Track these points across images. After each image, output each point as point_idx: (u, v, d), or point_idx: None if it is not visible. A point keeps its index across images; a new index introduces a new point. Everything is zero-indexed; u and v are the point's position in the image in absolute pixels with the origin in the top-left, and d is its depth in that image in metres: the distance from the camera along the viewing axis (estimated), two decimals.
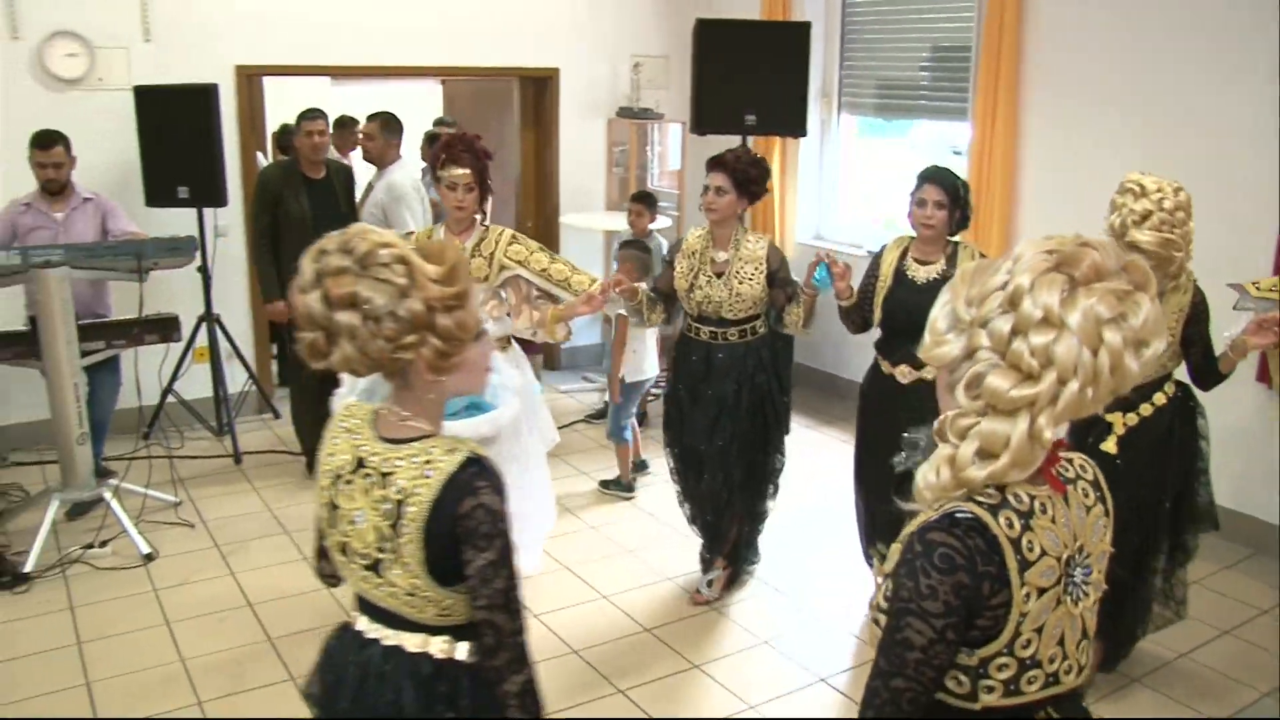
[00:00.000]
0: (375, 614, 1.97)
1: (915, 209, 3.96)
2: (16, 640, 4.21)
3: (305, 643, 4.18)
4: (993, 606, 1.55)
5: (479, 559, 1.83)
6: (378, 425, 1.96)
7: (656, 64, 7.64)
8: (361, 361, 1.83)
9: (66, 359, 4.79)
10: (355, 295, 1.78)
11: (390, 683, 1.92)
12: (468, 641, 1.92)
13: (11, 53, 5.91)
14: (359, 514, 1.91)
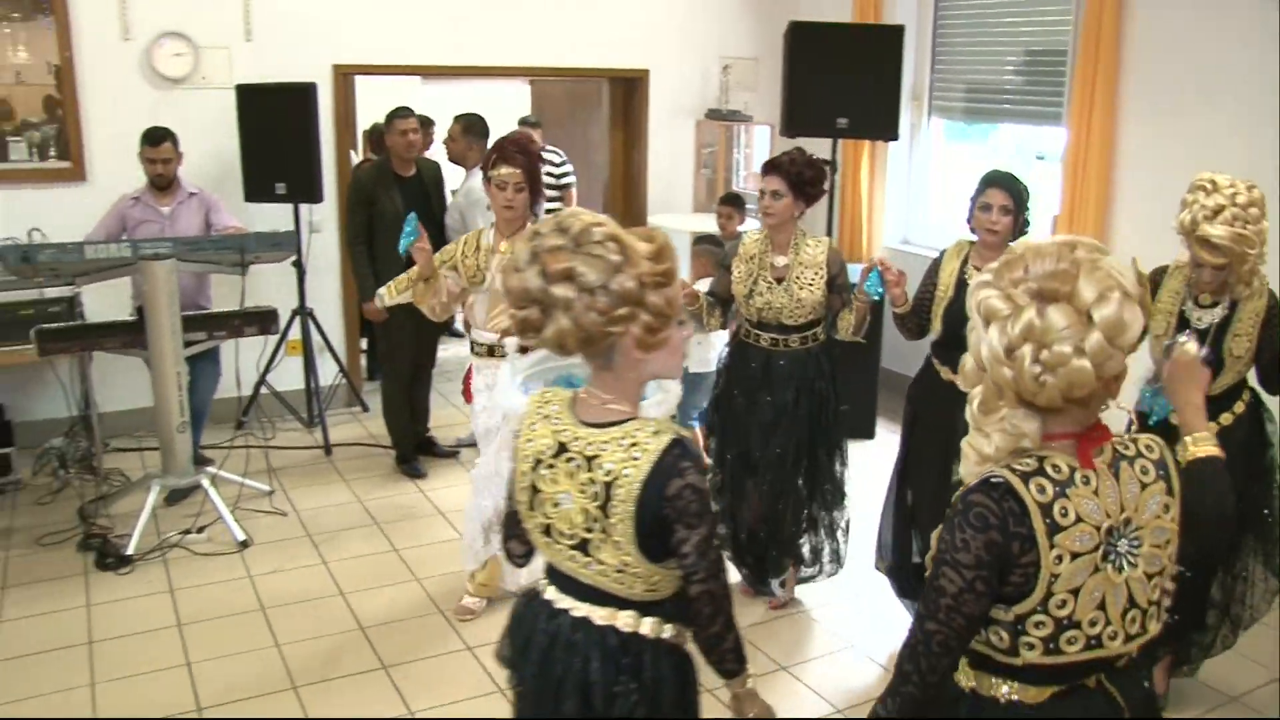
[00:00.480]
0: (570, 588, 2.08)
1: (979, 213, 3.84)
2: (121, 619, 4.35)
3: (396, 632, 4.28)
4: (1023, 565, 1.70)
5: (693, 536, 1.94)
6: (577, 410, 2.05)
7: (746, 66, 7.64)
8: (575, 335, 1.90)
9: (171, 349, 4.93)
10: (571, 270, 1.87)
11: (579, 651, 2.04)
12: (650, 618, 2.05)
13: (122, 53, 6.11)
14: (564, 496, 2.01)
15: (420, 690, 3.87)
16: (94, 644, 4.16)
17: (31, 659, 4.05)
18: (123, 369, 5.98)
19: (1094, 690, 1.82)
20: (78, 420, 5.88)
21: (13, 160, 6.04)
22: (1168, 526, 1.79)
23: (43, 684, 3.88)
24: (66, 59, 6.00)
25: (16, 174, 6.02)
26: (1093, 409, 1.77)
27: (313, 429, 6.56)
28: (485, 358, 4.27)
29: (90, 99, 6.09)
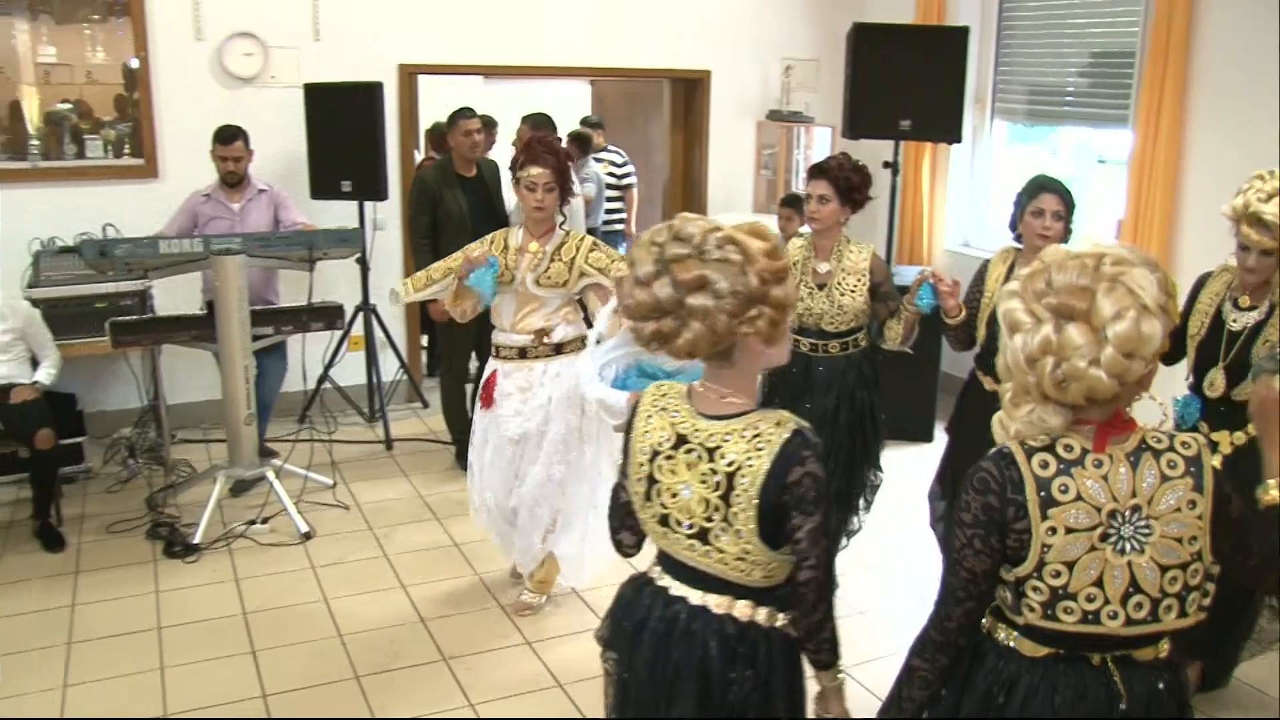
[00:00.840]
0: (686, 577, 2.13)
1: (1031, 219, 3.78)
2: (188, 607, 4.45)
3: (456, 625, 4.33)
4: (1016, 530, 1.85)
5: (808, 523, 2.00)
6: (694, 402, 2.11)
7: (807, 67, 7.64)
8: (709, 340, 1.96)
9: (239, 342, 5.02)
10: (704, 278, 1.92)
11: (696, 638, 2.09)
12: (765, 607, 2.11)
13: (195, 53, 6.25)
14: (684, 487, 2.07)
15: (480, 683, 3.91)
16: (163, 629, 4.26)
17: (105, 642, 4.16)
18: (190, 362, 6.11)
19: (1094, 667, 1.91)
20: (147, 411, 6.03)
21: (89, 158, 6.20)
22: (1189, 522, 1.84)
23: (117, 666, 3.98)
24: (142, 59, 6.15)
25: (92, 171, 6.18)
26: (1120, 404, 1.86)
27: (374, 424, 6.65)
28: (515, 360, 4.20)
29: (163, 98, 6.23)
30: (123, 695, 3.80)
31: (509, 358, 4.20)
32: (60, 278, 5.66)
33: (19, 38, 6.04)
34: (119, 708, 3.70)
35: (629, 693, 2.22)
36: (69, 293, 5.59)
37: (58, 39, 6.10)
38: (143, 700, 3.76)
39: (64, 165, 6.14)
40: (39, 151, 6.10)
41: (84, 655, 4.07)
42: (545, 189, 4.04)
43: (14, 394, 5.01)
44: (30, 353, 5.24)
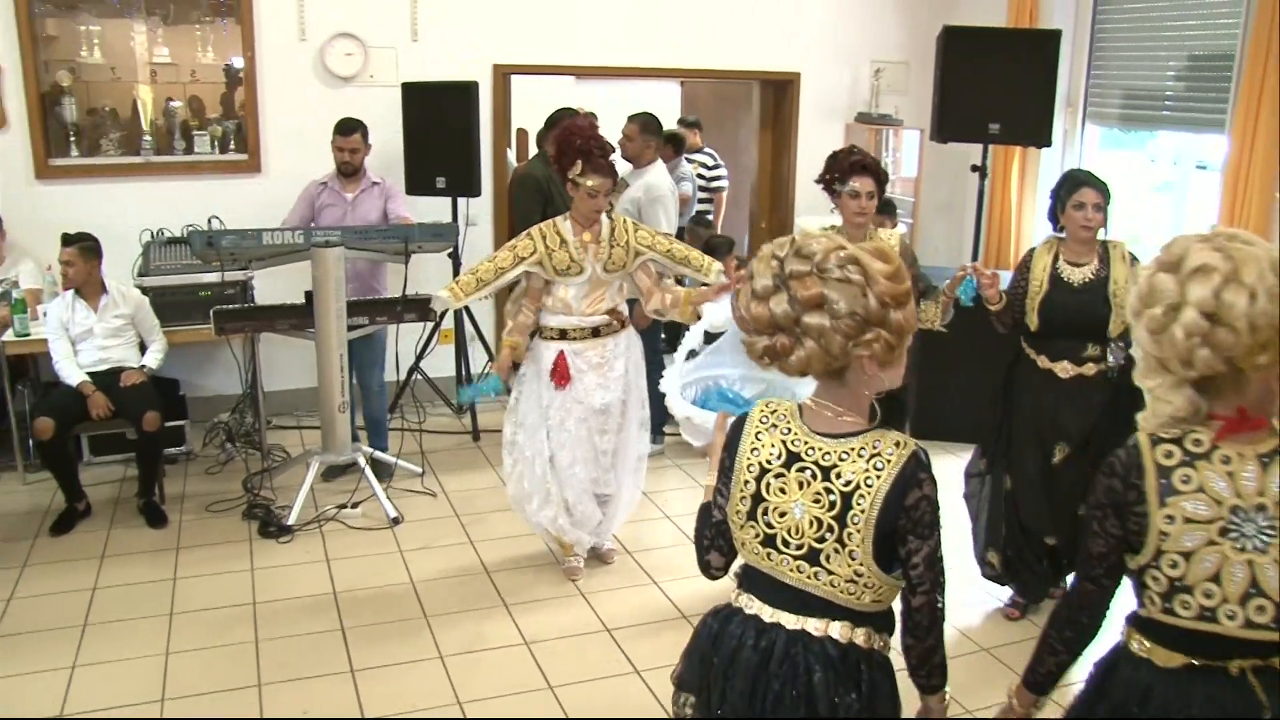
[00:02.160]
0: (784, 601, 2.06)
1: (1073, 211, 4.03)
2: (281, 584, 4.63)
3: (538, 609, 4.44)
4: (1136, 514, 1.89)
5: (924, 547, 1.97)
6: (808, 420, 2.04)
7: (897, 69, 7.62)
8: (822, 359, 1.92)
9: (335, 331, 5.19)
10: (823, 296, 1.88)
11: (799, 665, 2.02)
12: (864, 628, 2.05)
13: (299, 52, 6.48)
14: (797, 505, 2.01)
15: (560, 665, 4.01)
16: (257, 605, 4.44)
17: (203, 614, 4.35)
18: (287, 351, 6.31)
19: (1234, 677, 1.88)
20: (245, 397, 6.24)
21: (197, 153, 6.45)
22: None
23: (215, 637, 4.17)
24: (248, 58, 6.38)
25: (200, 166, 6.43)
26: (1245, 397, 1.86)
27: (461, 415, 6.80)
28: (587, 339, 4.43)
29: (267, 96, 6.46)
30: (219, 664, 3.98)
31: (580, 338, 4.44)
32: (168, 267, 5.91)
33: (136, 39, 6.32)
34: (216, 676, 3.88)
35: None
36: (176, 281, 5.83)
37: (170, 40, 6.37)
38: (237, 669, 3.93)
39: (174, 160, 6.41)
40: (151, 147, 6.37)
41: (184, 625, 4.26)
42: (605, 195, 4.33)
43: (124, 377, 5.26)
44: (139, 338, 5.49)
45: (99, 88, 6.32)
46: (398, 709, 3.71)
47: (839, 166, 4.34)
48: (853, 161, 4.32)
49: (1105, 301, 4.04)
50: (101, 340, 5.33)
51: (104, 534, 5.09)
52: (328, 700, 3.75)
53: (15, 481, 5.68)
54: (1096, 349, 4.06)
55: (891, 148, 7.89)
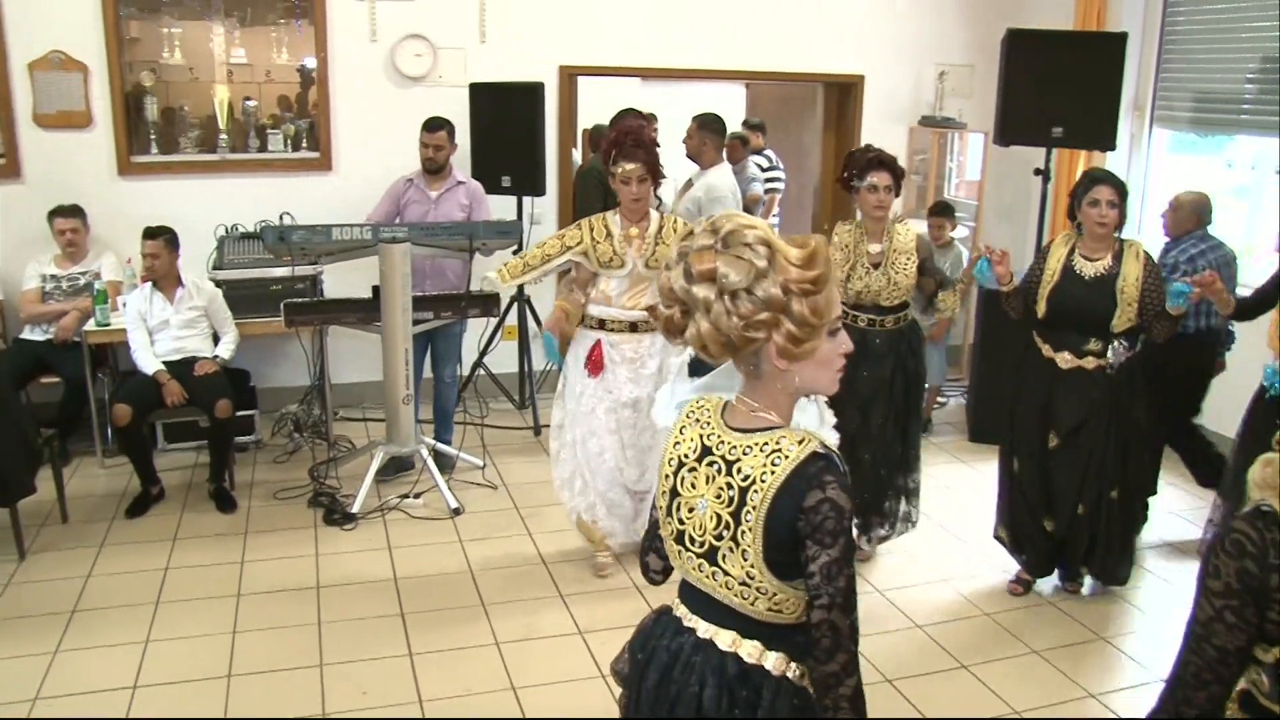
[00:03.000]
0: (698, 605, 1.98)
1: (1089, 208, 4.17)
2: (344, 569, 4.77)
3: (592, 600, 4.52)
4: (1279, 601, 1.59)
5: (823, 555, 1.79)
6: (726, 416, 1.95)
7: (961, 73, 7.61)
8: (714, 339, 1.81)
9: (401, 326, 5.32)
10: (714, 270, 1.78)
11: (696, 673, 1.93)
12: (776, 652, 1.91)
13: (370, 53, 6.63)
14: (701, 501, 1.91)
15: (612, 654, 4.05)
16: (321, 588, 4.57)
17: (268, 596, 4.50)
18: (354, 344, 6.48)
19: None
20: (312, 389, 6.41)
21: (270, 151, 6.64)
22: None
23: (279, 618, 4.31)
24: (321, 59, 6.55)
25: (273, 163, 6.62)
26: None
27: (523, 410, 6.91)
28: (624, 333, 4.52)
29: (338, 96, 6.63)
30: (283, 644, 4.11)
31: (617, 330, 4.53)
32: (241, 261, 6.09)
33: (214, 41, 6.53)
34: (280, 655, 4.02)
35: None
36: (248, 275, 6.01)
37: (246, 41, 6.57)
38: (300, 649, 4.07)
39: (248, 158, 6.60)
40: (226, 145, 6.57)
41: (250, 606, 4.40)
42: (639, 181, 4.36)
43: (197, 367, 5.44)
44: (212, 329, 5.67)
45: (178, 87, 6.54)
46: (453, 691, 3.81)
47: (856, 163, 4.57)
48: (870, 158, 4.53)
49: (1111, 297, 4.17)
50: (177, 331, 5.51)
51: (176, 517, 5.27)
52: (386, 681, 3.87)
53: (94, 466, 5.90)
54: (1099, 344, 4.18)
55: (955, 151, 7.87)
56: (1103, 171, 4.25)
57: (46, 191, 6.11)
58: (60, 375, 5.84)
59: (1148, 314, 4.14)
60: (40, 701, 3.70)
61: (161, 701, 3.72)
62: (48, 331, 5.89)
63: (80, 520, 5.21)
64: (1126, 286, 4.11)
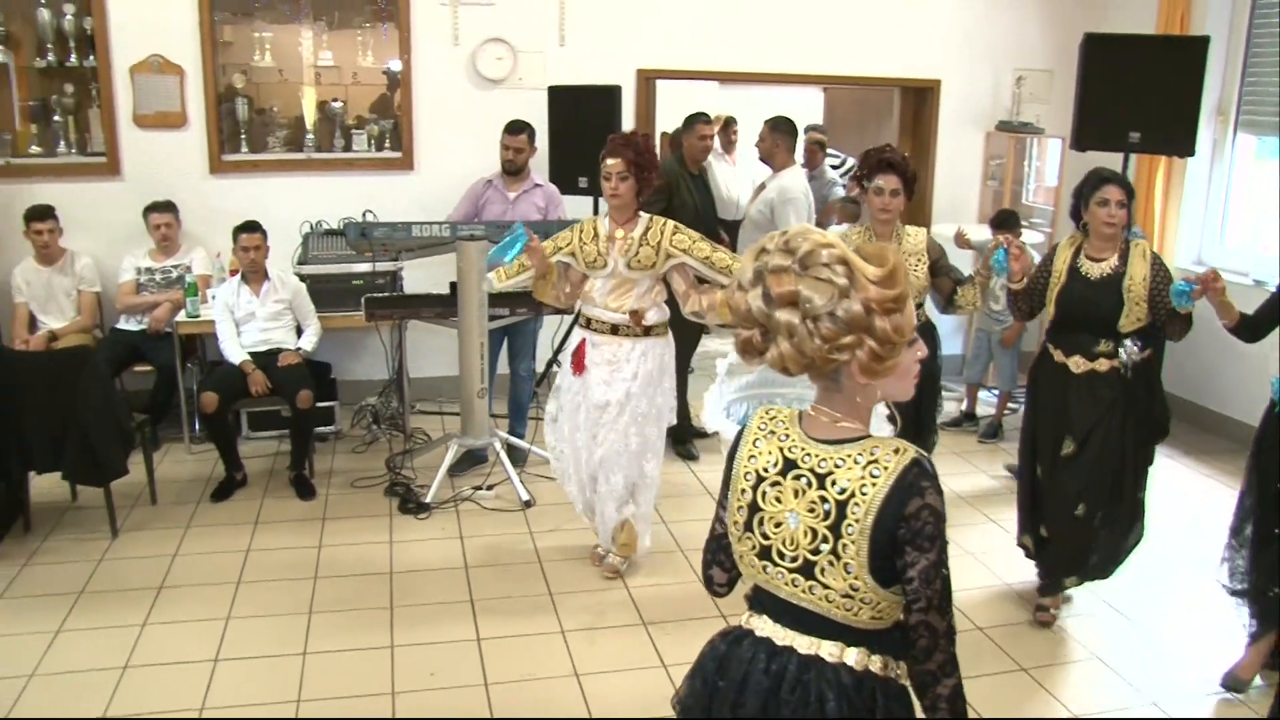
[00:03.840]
0: (790, 620, 1.96)
1: (1097, 208, 4.10)
2: (417, 556, 4.91)
3: (659, 595, 4.60)
4: None
5: (921, 560, 1.82)
6: (806, 426, 1.95)
7: (1040, 77, 7.55)
8: (795, 360, 1.81)
9: (476, 321, 5.45)
10: (796, 294, 1.77)
11: (812, 691, 1.91)
12: (879, 655, 1.93)
13: (452, 56, 6.81)
14: (790, 515, 1.90)
15: (674, 646, 4.15)
16: (394, 574, 4.71)
17: (344, 579, 4.66)
18: (431, 339, 6.64)
19: None
20: (391, 382, 6.58)
21: (354, 150, 6.83)
22: None
23: (354, 601, 4.46)
24: (405, 61, 6.73)
25: (357, 163, 6.81)
26: None
27: None
28: (605, 334, 4.52)
29: (421, 98, 6.80)
30: (356, 625, 4.26)
31: (600, 330, 4.53)
32: (325, 256, 6.29)
33: (303, 44, 6.74)
34: (352, 636, 4.16)
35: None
36: (331, 270, 6.20)
37: (333, 44, 6.77)
38: (372, 631, 4.21)
39: (333, 157, 6.81)
40: (312, 145, 6.78)
41: (326, 588, 4.56)
42: (619, 178, 4.37)
43: (281, 358, 5.63)
44: (296, 322, 5.87)
45: (268, 89, 6.77)
46: (517, 676, 3.91)
47: (868, 163, 4.52)
48: (880, 159, 4.47)
49: (1118, 296, 4.10)
50: (262, 323, 5.72)
51: (258, 502, 5.48)
52: (453, 663, 3.99)
53: (182, 451, 6.14)
54: (1109, 344, 4.12)
55: (1033, 156, 7.81)
56: (1110, 171, 4.23)
57: (142, 188, 6.38)
58: (152, 364, 6.09)
59: (1159, 314, 4.07)
60: (130, 670, 3.89)
61: (240, 674, 3.88)
62: (141, 322, 6.15)
63: (168, 502, 5.45)
64: (1134, 286, 4.05)
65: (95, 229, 6.43)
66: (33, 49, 6.41)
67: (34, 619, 4.24)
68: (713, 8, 7.09)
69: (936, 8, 7.39)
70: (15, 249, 6.24)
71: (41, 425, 4.82)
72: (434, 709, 3.69)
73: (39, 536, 5.03)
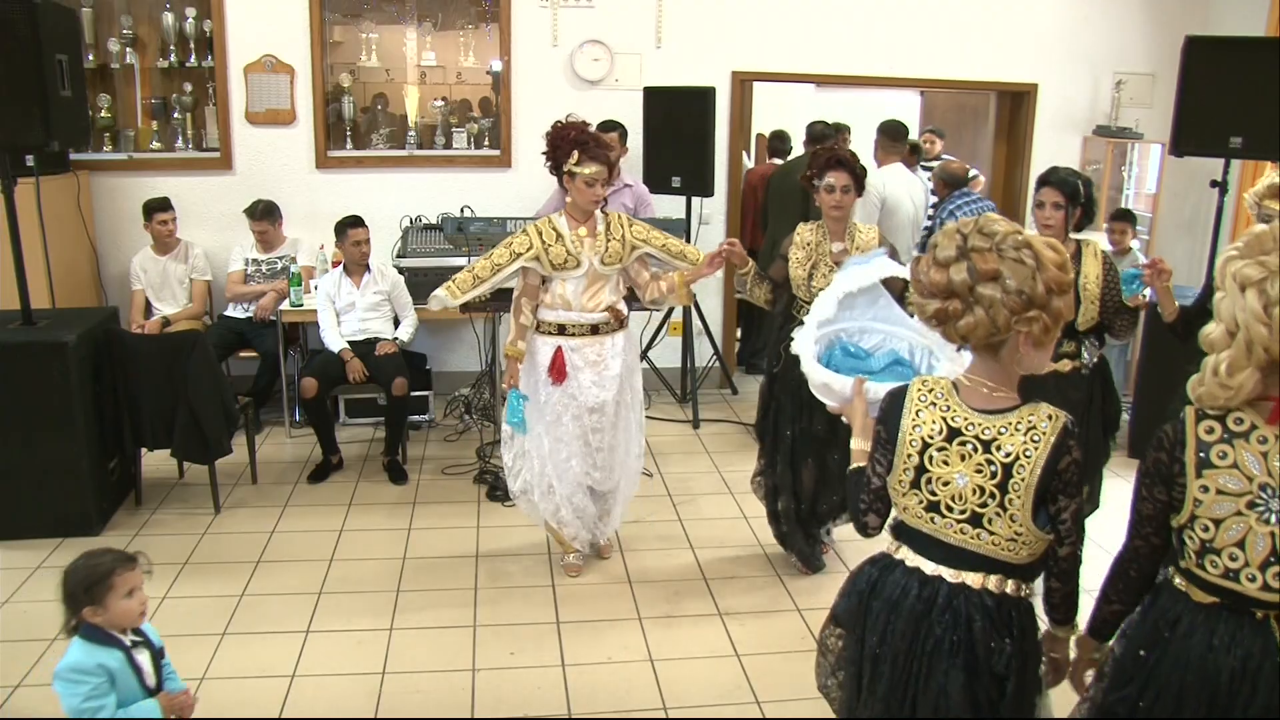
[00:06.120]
0: (942, 555, 2.30)
1: (1036, 210, 4.17)
2: (502, 542, 5.07)
3: (734, 586, 4.67)
4: (1179, 484, 2.10)
5: (1073, 504, 2.23)
6: (964, 396, 2.28)
7: (1141, 81, 7.43)
8: (986, 328, 2.14)
9: None
10: (999, 272, 2.11)
11: (960, 614, 2.26)
12: (1014, 579, 2.28)
13: (551, 57, 6.97)
14: (960, 476, 2.24)
15: (749, 637, 4.23)
16: (480, 558, 4.87)
17: (432, 561, 4.83)
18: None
19: (1257, 620, 2.07)
20: (484, 374, 6.75)
21: (455, 148, 7.03)
22: None
23: (441, 581, 4.62)
24: (505, 62, 6.90)
25: (456, 160, 7.01)
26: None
27: (684, 404, 7.11)
28: (585, 336, 4.47)
29: (520, 97, 6.96)
30: (441, 605, 4.42)
31: (578, 334, 4.48)
32: (423, 250, 6.49)
33: (408, 44, 6.96)
34: (437, 614, 4.32)
35: (879, 668, 2.36)
36: (429, 264, 6.37)
37: (437, 45, 6.98)
38: (457, 611, 4.36)
39: (434, 154, 7.01)
40: (414, 142, 6.99)
41: (414, 569, 4.74)
42: (603, 183, 4.37)
43: (379, 347, 5.84)
44: (394, 313, 6.07)
45: (373, 88, 7.01)
46: (595, 659, 4.02)
47: (816, 162, 4.55)
48: (830, 157, 4.51)
49: (1074, 296, 4.06)
50: (362, 313, 5.93)
51: (352, 485, 5.69)
52: (533, 643, 4.12)
53: (282, 435, 6.41)
54: (1070, 345, 4.13)
55: (1132, 162, 7.68)
56: (1050, 172, 4.21)
57: (253, 182, 6.67)
58: (257, 350, 6.37)
59: (1108, 311, 4.12)
60: (228, 636, 4.11)
61: (329, 648, 4.06)
62: (248, 310, 6.42)
63: (268, 482, 5.70)
64: (1088, 284, 4.07)
65: (208, 221, 6.75)
66: (156, 50, 6.74)
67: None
68: (809, 10, 7.13)
69: (1034, 10, 7.32)
70: (135, 239, 6.58)
71: (154, 405, 5.10)
72: (512, 686, 3.82)
73: (149, 509, 5.31)
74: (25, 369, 4.79)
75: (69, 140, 5.00)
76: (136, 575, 2.77)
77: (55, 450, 4.88)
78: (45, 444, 4.86)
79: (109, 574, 2.71)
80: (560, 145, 4.35)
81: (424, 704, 3.71)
